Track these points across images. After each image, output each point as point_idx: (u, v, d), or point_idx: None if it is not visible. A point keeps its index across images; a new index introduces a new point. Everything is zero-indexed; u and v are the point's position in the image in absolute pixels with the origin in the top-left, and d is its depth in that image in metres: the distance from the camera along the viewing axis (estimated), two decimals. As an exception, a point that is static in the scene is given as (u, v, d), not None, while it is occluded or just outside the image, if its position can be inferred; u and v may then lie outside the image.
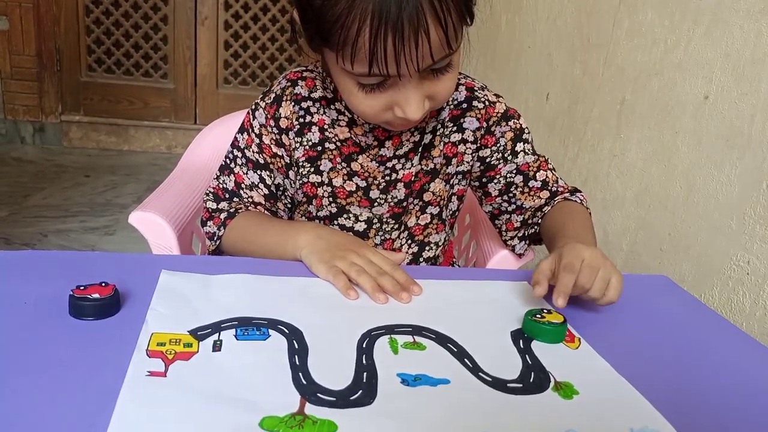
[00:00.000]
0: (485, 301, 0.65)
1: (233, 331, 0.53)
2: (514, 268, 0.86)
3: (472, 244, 1.00)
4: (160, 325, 0.52)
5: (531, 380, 0.51)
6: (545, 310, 0.59)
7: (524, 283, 0.70)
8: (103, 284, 0.54)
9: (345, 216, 0.80)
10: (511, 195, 0.81)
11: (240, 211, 0.78)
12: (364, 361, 0.51)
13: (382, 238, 0.81)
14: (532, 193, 0.80)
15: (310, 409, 0.44)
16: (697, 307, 0.71)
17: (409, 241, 0.82)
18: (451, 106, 0.78)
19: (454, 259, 0.95)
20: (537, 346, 0.57)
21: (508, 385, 0.50)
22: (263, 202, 0.80)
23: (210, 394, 0.44)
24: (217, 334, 0.52)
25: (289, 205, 0.84)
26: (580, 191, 0.82)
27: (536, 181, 0.80)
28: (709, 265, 0.87)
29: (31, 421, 0.40)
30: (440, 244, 0.84)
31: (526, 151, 0.80)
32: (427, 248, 0.83)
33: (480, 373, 0.51)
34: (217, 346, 0.50)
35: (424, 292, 0.65)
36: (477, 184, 0.83)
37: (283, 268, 0.68)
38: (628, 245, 1.07)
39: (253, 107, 0.80)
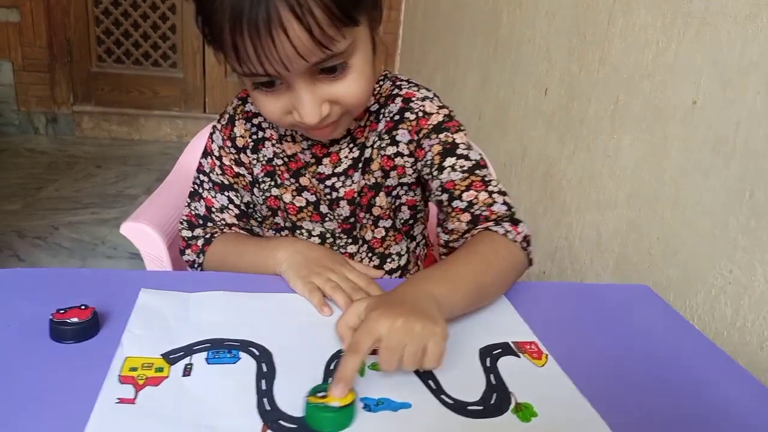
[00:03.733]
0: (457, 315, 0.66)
1: (205, 354, 0.55)
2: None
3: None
4: (134, 348, 0.54)
5: (492, 402, 0.53)
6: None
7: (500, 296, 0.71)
8: (83, 307, 0.56)
9: (298, 232, 0.81)
10: (442, 211, 0.76)
11: (216, 235, 0.79)
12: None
13: (337, 252, 0.81)
14: (454, 214, 0.72)
15: (271, 437, 0.46)
16: (675, 320, 0.71)
17: (370, 254, 0.82)
18: (387, 119, 0.76)
19: None
20: (503, 365, 0.58)
21: (468, 407, 0.52)
22: (236, 222, 0.81)
23: (175, 422, 0.46)
24: (189, 357, 0.54)
25: (260, 219, 0.84)
26: (516, 222, 0.72)
27: (461, 201, 0.72)
28: (694, 272, 0.87)
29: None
30: (402, 254, 0.83)
31: (455, 167, 0.73)
32: (388, 260, 0.83)
33: (442, 395, 0.53)
34: (187, 371, 0.52)
35: None
36: (425, 195, 0.81)
37: (264, 283, 0.70)
38: (620, 247, 1.07)
39: (212, 130, 0.81)
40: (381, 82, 0.78)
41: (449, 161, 0.73)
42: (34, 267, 1.93)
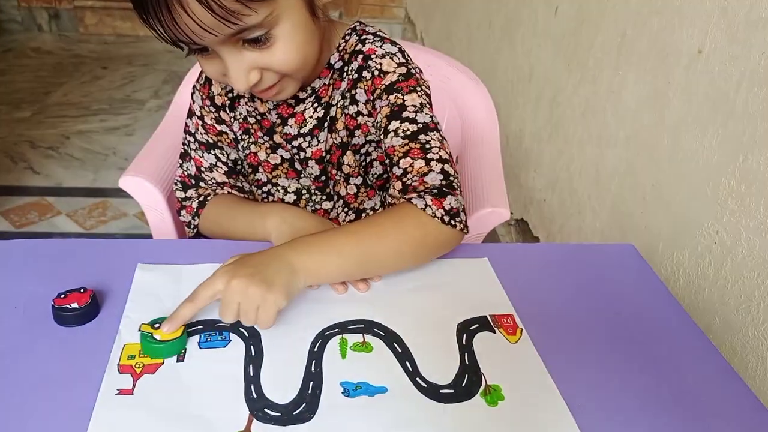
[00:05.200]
0: (440, 285, 0.69)
1: (197, 337, 0.59)
2: (486, 231, 0.88)
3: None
4: (131, 334, 0.58)
5: (463, 384, 0.57)
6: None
7: (484, 259, 0.74)
8: (82, 290, 0.60)
9: (274, 188, 0.82)
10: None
11: (209, 198, 0.81)
12: (312, 369, 0.57)
13: (313, 208, 0.82)
14: (393, 180, 0.71)
15: (256, 427, 0.50)
16: (656, 288, 0.72)
17: (346, 209, 0.82)
18: (350, 77, 0.74)
19: None
20: (478, 342, 0.62)
21: (440, 391, 0.56)
22: (227, 180, 0.82)
23: (169, 413, 0.51)
24: (183, 341, 0.58)
25: (246, 175, 0.85)
26: (444, 194, 0.67)
27: (398, 168, 0.70)
28: (683, 225, 0.88)
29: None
30: (377, 208, 0.84)
31: (398, 132, 0.70)
32: (363, 215, 0.83)
33: (417, 378, 0.57)
34: (180, 356, 0.57)
35: (382, 276, 0.69)
36: None
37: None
38: (616, 187, 1.08)
39: (192, 90, 0.81)
40: (348, 37, 0.76)
41: (393, 125, 0.70)
42: (49, 179, 1.98)
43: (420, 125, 0.70)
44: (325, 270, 0.62)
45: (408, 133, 0.70)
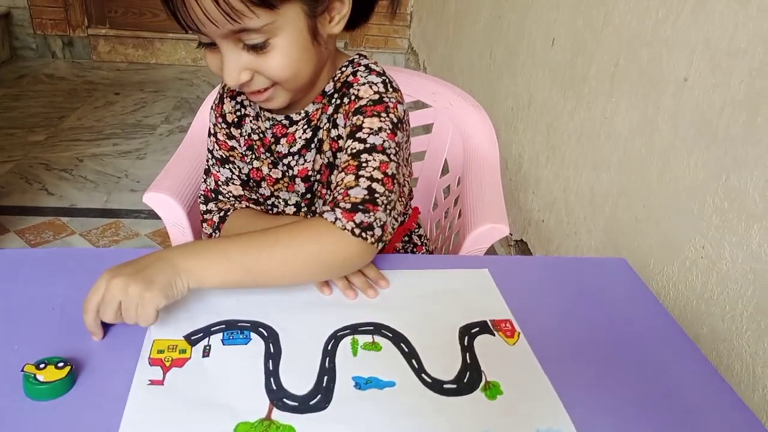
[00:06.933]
0: (443, 292, 0.74)
1: (221, 335, 0.64)
2: (486, 246, 0.93)
3: (457, 213, 1.07)
4: (160, 331, 0.63)
5: (465, 380, 0.61)
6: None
7: (485, 270, 0.79)
8: (115, 292, 0.65)
9: (277, 200, 0.88)
10: None
11: (229, 213, 0.87)
12: (326, 365, 0.62)
13: None
14: (328, 192, 0.74)
15: (276, 414, 0.55)
16: (647, 299, 0.75)
17: None
18: (336, 103, 0.79)
19: (409, 233, 0.99)
20: (479, 343, 0.67)
21: (444, 386, 0.60)
22: (243, 193, 0.89)
23: (197, 401, 0.56)
24: (207, 338, 0.63)
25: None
26: (356, 209, 0.67)
27: (333, 182, 0.73)
28: (672, 242, 0.93)
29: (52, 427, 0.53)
30: None
31: (347, 150, 0.72)
32: None
33: (423, 374, 0.62)
34: (206, 352, 0.62)
35: (390, 284, 0.74)
36: None
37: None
38: (610, 208, 1.13)
39: (210, 110, 0.89)
40: (344, 68, 0.80)
41: (347, 143, 0.73)
42: (63, 200, 2.04)
43: (367, 145, 0.71)
44: (210, 273, 0.63)
45: (354, 151, 0.71)
